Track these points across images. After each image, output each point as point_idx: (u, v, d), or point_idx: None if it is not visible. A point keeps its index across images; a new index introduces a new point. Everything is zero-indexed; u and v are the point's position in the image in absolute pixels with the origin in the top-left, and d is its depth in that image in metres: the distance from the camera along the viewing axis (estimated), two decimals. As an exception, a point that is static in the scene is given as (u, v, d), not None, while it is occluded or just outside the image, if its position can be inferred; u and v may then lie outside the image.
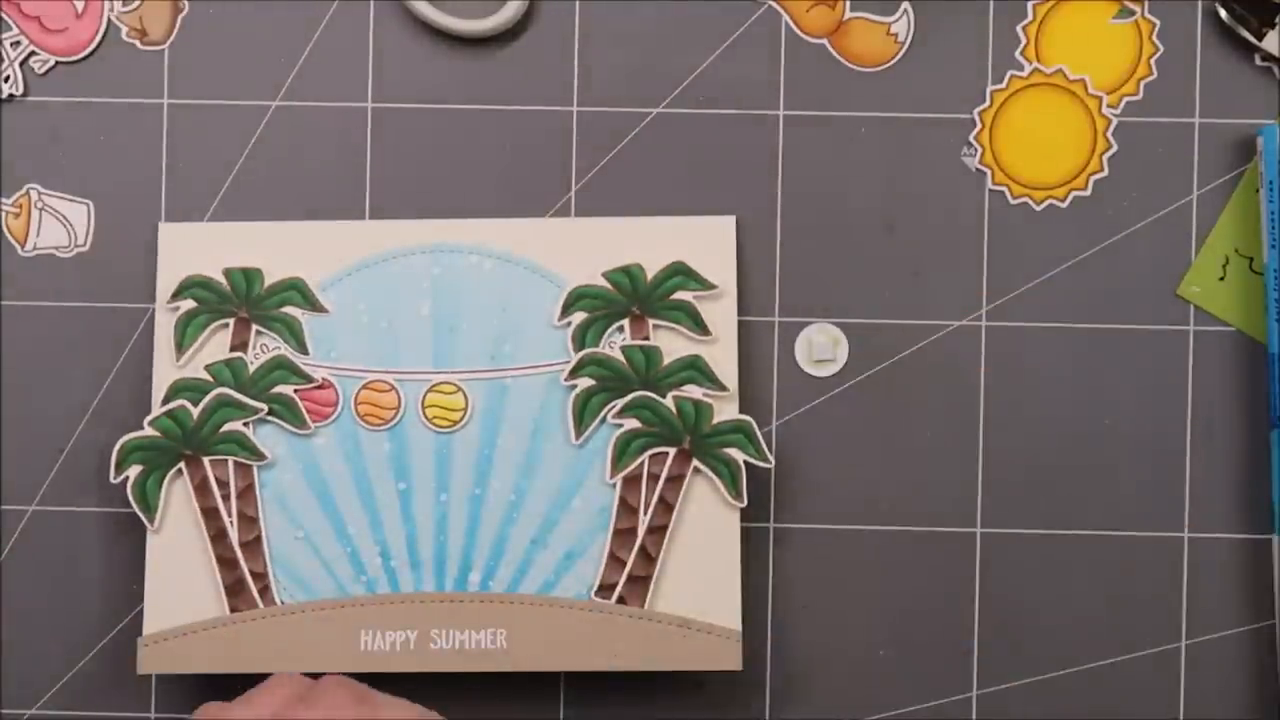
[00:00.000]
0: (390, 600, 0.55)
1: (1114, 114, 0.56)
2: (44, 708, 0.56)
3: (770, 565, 0.56)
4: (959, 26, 0.56)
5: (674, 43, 0.56)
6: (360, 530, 0.55)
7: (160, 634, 0.54)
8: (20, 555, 0.56)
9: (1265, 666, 0.55)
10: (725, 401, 0.55)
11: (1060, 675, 0.55)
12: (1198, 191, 0.56)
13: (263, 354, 0.55)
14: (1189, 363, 0.56)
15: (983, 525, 0.55)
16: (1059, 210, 0.56)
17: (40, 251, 0.56)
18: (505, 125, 0.56)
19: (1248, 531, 0.55)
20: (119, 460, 0.55)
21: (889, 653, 0.56)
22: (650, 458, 0.54)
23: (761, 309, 0.56)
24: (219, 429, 0.55)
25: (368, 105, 0.56)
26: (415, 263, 0.55)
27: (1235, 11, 0.55)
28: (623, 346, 0.55)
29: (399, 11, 0.56)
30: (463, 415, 0.55)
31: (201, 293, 0.55)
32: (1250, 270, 0.55)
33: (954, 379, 0.56)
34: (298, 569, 0.55)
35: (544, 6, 0.56)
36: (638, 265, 0.55)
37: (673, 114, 0.56)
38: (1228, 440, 0.55)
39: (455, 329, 0.55)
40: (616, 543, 0.54)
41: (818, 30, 0.56)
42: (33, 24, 0.56)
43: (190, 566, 0.55)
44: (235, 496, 0.55)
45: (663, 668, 0.54)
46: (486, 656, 0.54)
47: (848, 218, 0.56)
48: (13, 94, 0.56)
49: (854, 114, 0.56)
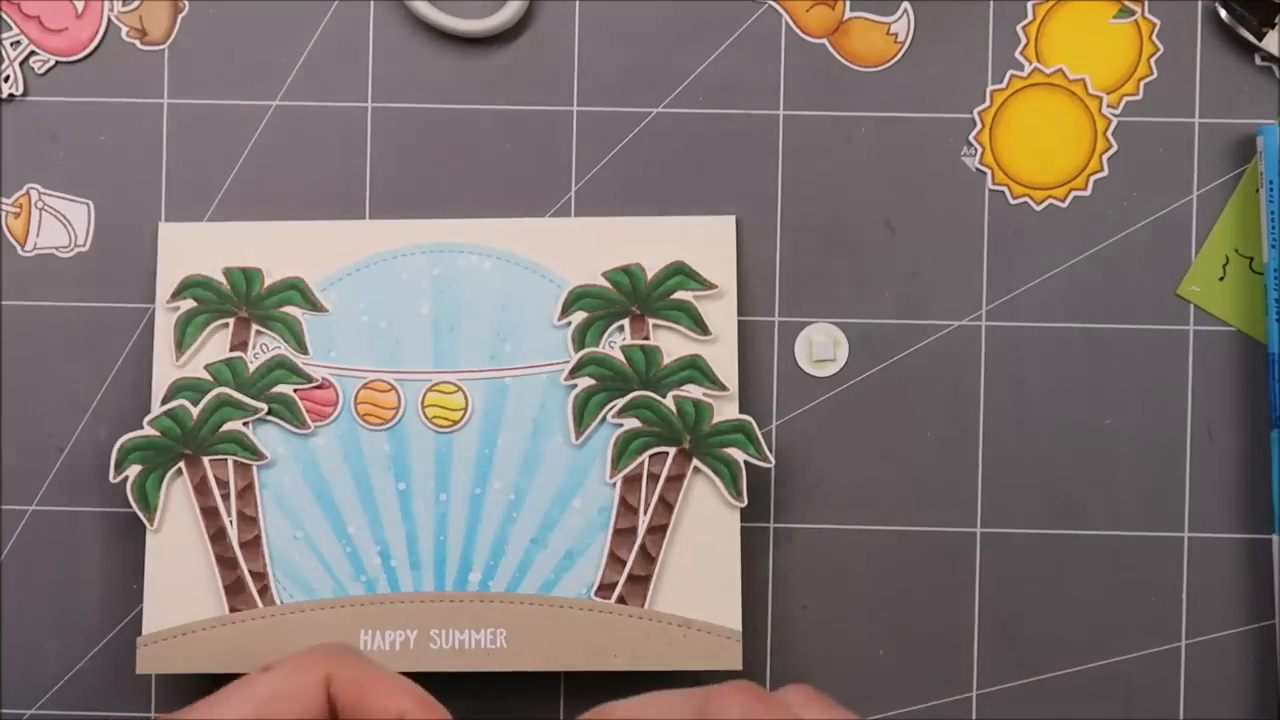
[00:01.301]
0: (390, 600, 0.55)
1: (1114, 114, 0.56)
2: (44, 708, 0.56)
3: (770, 565, 0.56)
4: (959, 26, 0.56)
5: (674, 43, 0.56)
6: (360, 530, 0.55)
7: (159, 634, 0.54)
8: (20, 555, 0.56)
9: (1265, 666, 0.55)
10: (725, 401, 0.55)
11: (1060, 675, 0.55)
12: (1198, 191, 0.56)
13: (263, 354, 0.55)
14: (1189, 363, 0.56)
15: (983, 525, 0.55)
16: (1059, 210, 0.56)
17: (40, 251, 0.56)
18: (505, 125, 0.56)
19: (1248, 531, 0.55)
20: (118, 460, 0.55)
21: (889, 653, 0.56)
22: (650, 457, 0.54)
23: (761, 309, 0.56)
24: (219, 429, 0.55)
25: (368, 105, 0.56)
26: (415, 262, 0.55)
27: (1235, 11, 0.55)
28: (623, 346, 0.55)
29: (399, 11, 0.56)
30: (463, 415, 0.55)
31: (201, 292, 0.55)
32: (1250, 270, 0.55)
33: (954, 379, 0.56)
34: (297, 569, 0.55)
35: (544, 6, 0.56)
36: (638, 265, 0.55)
37: (673, 114, 0.56)
38: (1228, 440, 0.55)
39: (455, 328, 0.55)
40: (616, 542, 0.54)
41: (818, 30, 0.56)
42: (33, 24, 0.56)
43: (190, 566, 0.55)
44: (235, 496, 0.55)
45: (663, 667, 0.54)
46: (487, 656, 0.54)
47: (848, 218, 0.56)
48: (13, 94, 0.56)
49: (854, 114, 0.56)
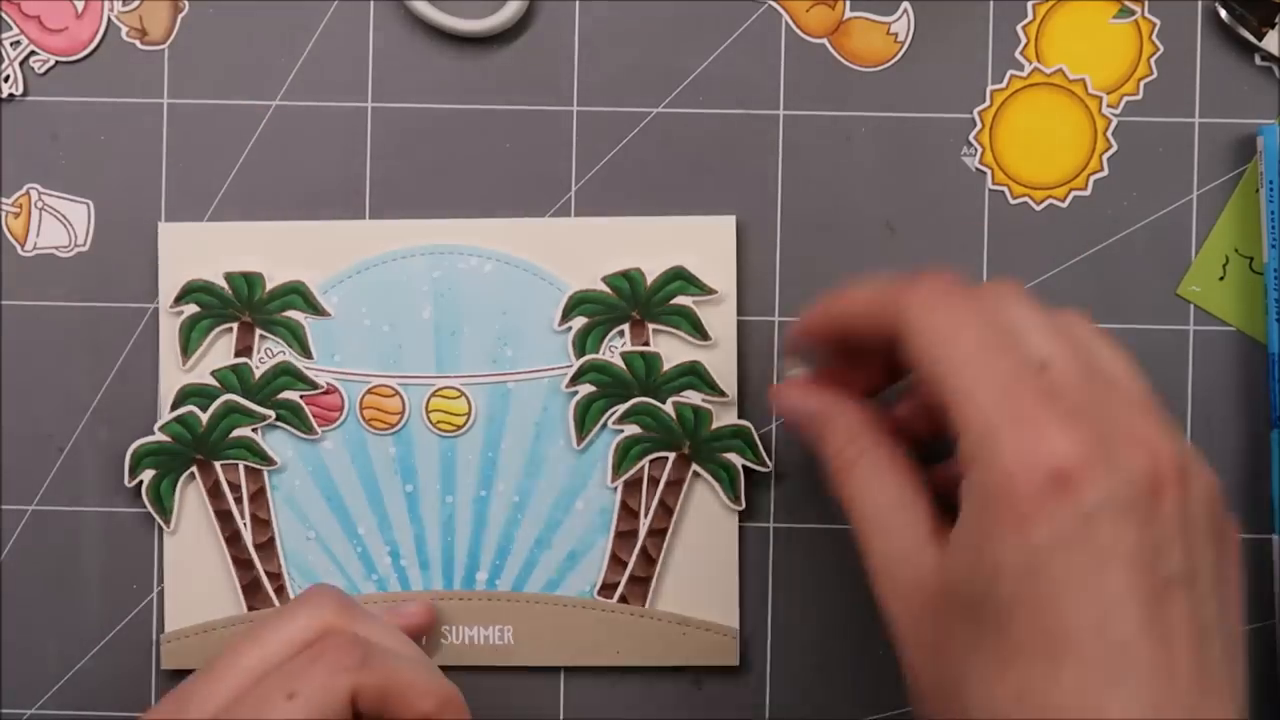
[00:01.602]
0: (401, 598, 0.55)
1: (1114, 114, 0.56)
2: (44, 708, 0.56)
3: (770, 565, 0.56)
4: (959, 26, 0.56)
5: (674, 43, 0.56)
6: (370, 531, 0.55)
7: (181, 631, 0.56)
8: (20, 555, 0.56)
9: (1265, 666, 0.55)
10: (724, 407, 0.55)
11: (1060, 675, 0.55)
12: (1198, 191, 0.56)
13: (267, 358, 0.55)
14: (1189, 363, 0.56)
15: (982, 525, 0.55)
16: (1059, 210, 0.56)
17: (40, 251, 0.56)
18: (505, 125, 0.56)
19: (1248, 531, 0.55)
20: (133, 464, 0.55)
21: (889, 653, 0.55)
22: (650, 462, 0.55)
23: (761, 309, 0.56)
24: (228, 435, 0.55)
25: (368, 105, 0.56)
26: (416, 265, 0.55)
27: (1235, 11, 0.55)
28: (623, 353, 0.55)
29: (399, 11, 0.56)
30: (466, 419, 0.55)
31: (204, 297, 0.55)
32: (1250, 270, 0.55)
33: (954, 379, 0.56)
34: (311, 569, 0.56)
35: (544, 6, 0.56)
36: (637, 270, 0.55)
37: (673, 114, 0.56)
38: (1228, 440, 0.56)
39: (457, 332, 0.55)
40: (618, 544, 0.55)
41: (818, 30, 0.56)
42: (33, 24, 0.56)
43: (207, 567, 0.56)
44: (248, 500, 0.55)
45: (663, 663, 0.55)
46: (495, 651, 0.55)
47: (848, 218, 0.56)
48: (13, 94, 0.56)
49: (854, 114, 0.56)
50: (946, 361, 0.41)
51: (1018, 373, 0.40)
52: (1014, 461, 0.38)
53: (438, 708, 0.47)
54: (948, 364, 0.41)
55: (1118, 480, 0.38)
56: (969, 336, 0.41)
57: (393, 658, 0.47)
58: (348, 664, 0.46)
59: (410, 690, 0.46)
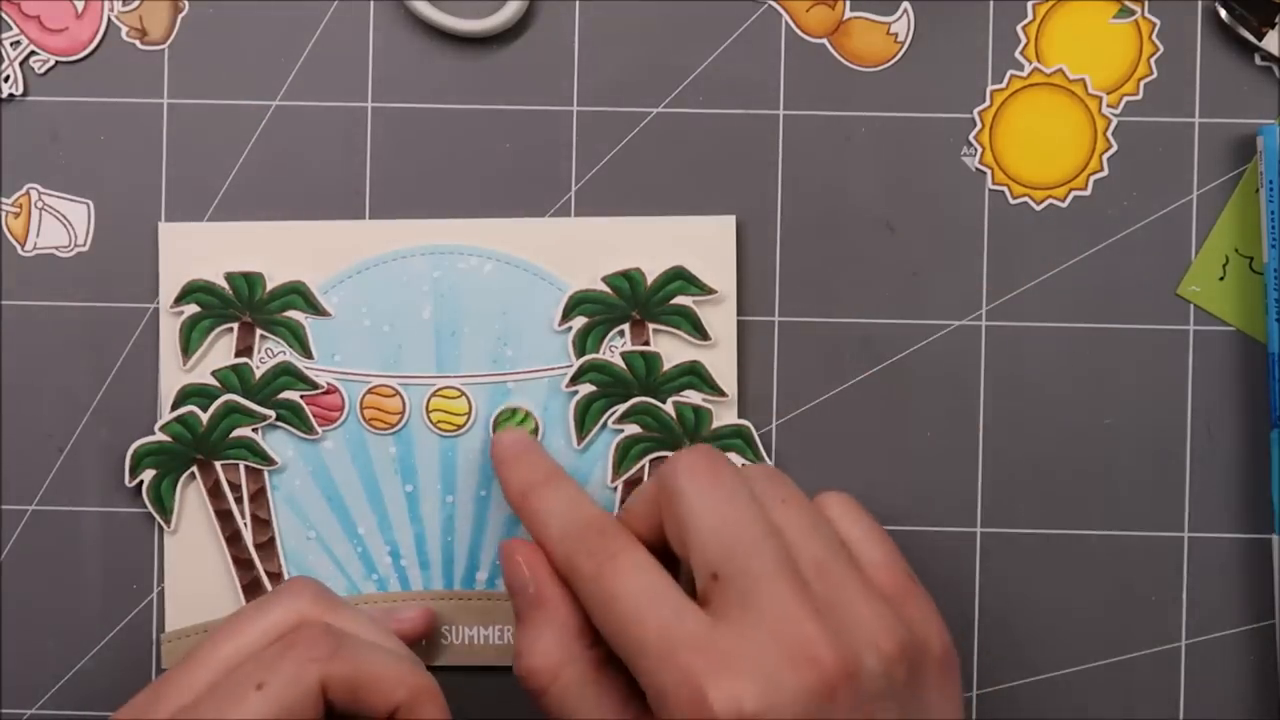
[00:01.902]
0: (402, 598, 0.55)
1: (1114, 114, 0.56)
2: (44, 708, 0.56)
3: (770, 565, 0.56)
4: (959, 26, 0.56)
5: (674, 43, 0.56)
6: (370, 531, 0.55)
7: (181, 631, 0.55)
8: (20, 555, 0.56)
9: (1265, 666, 0.55)
10: (724, 406, 0.55)
11: (1060, 675, 0.55)
12: (1198, 191, 0.56)
13: (268, 358, 0.55)
14: (1189, 363, 0.56)
15: (983, 525, 0.56)
16: (1059, 210, 0.56)
17: (40, 251, 0.56)
18: (505, 125, 0.56)
19: (1248, 531, 0.55)
20: (133, 464, 0.55)
21: (889, 653, 0.56)
22: (651, 462, 0.55)
23: (761, 309, 0.56)
24: (229, 435, 0.55)
25: (368, 105, 0.56)
26: (415, 265, 0.55)
27: (1235, 11, 0.55)
28: (623, 353, 0.55)
29: (399, 11, 0.56)
30: (466, 419, 0.55)
31: (204, 297, 0.55)
32: (1250, 270, 0.55)
33: (954, 379, 0.56)
34: (311, 569, 0.56)
35: (544, 6, 0.56)
36: (637, 270, 0.55)
37: (673, 114, 0.56)
38: (1228, 440, 0.56)
39: (456, 332, 0.55)
40: (618, 544, 0.55)
41: (818, 30, 0.56)
42: (33, 24, 0.56)
43: (207, 566, 0.56)
44: (248, 499, 0.55)
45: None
46: (494, 651, 0.55)
47: (848, 218, 0.56)
48: (13, 94, 0.56)
49: (854, 114, 0.56)
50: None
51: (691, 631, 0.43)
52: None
53: (410, 698, 0.46)
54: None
55: (783, 703, 0.41)
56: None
57: (366, 649, 0.47)
58: (317, 654, 0.45)
59: (382, 681, 0.46)
